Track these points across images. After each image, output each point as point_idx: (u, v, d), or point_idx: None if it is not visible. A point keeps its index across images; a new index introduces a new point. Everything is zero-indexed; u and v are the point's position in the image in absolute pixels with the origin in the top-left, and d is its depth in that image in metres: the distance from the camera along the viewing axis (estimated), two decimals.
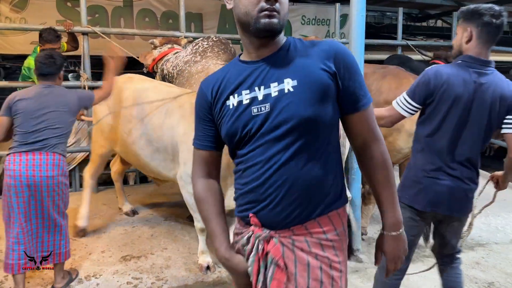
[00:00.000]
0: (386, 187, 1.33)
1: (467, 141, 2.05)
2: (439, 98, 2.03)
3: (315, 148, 1.25)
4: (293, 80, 1.22)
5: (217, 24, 6.87)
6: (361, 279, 3.14)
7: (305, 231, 1.26)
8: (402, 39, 6.85)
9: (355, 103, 1.29)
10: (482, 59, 2.02)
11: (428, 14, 9.41)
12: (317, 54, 1.26)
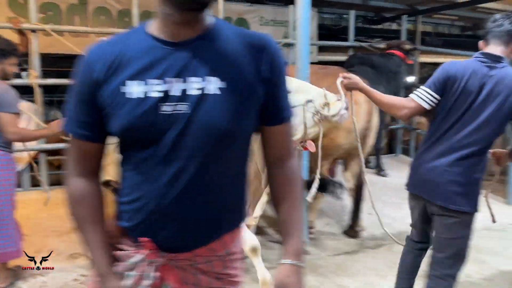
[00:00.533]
0: (295, 208, 1.18)
1: (470, 132, 2.12)
2: (449, 88, 2.14)
3: (228, 164, 1.08)
4: (222, 81, 1.00)
5: None
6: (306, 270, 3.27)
7: (207, 252, 1.11)
8: (356, 41, 7.11)
9: (279, 114, 1.12)
10: (493, 54, 2.14)
11: (383, 17, 9.73)
12: (252, 51, 1.04)
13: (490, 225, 4.48)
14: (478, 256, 3.61)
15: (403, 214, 4.57)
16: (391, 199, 4.89)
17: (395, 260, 3.46)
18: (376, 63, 5.36)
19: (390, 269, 3.33)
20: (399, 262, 2.64)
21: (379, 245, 3.82)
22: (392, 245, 3.80)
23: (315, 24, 7.97)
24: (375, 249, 3.73)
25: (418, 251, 2.57)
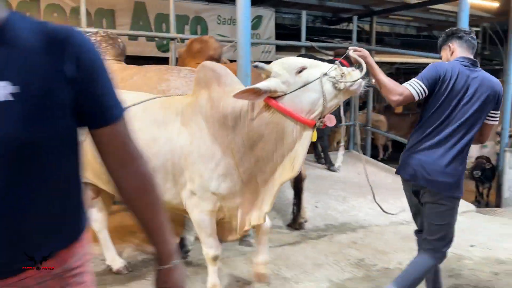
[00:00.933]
0: (154, 214, 1.11)
1: (457, 127, 2.39)
2: (439, 85, 2.39)
3: (42, 177, 0.96)
4: (14, 85, 0.88)
5: (131, 21, 6.86)
6: (245, 261, 3.38)
7: (38, 273, 1.01)
8: (317, 41, 7.29)
9: (104, 115, 1.02)
10: (472, 59, 2.48)
11: (341, 18, 9.98)
12: (53, 49, 0.93)
13: None
14: (411, 245, 3.77)
15: (347, 207, 4.79)
16: (337, 193, 5.08)
17: (334, 250, 3.67)
18: None
19: (327, 258, 3.50)
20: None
21: (321, 236, 3.97)
22: (332, 236, 3.98)
23: (272, 24, 8.13)
24: (316, 240, 3.88)
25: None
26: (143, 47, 7.12)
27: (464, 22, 5.14)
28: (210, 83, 2.48)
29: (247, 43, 3.62)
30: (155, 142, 2.49)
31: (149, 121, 2.53)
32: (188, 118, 2.49)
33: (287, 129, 2.27)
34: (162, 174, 2.51)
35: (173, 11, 5.31)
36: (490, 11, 8.96)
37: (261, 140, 2.33)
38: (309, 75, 2.26)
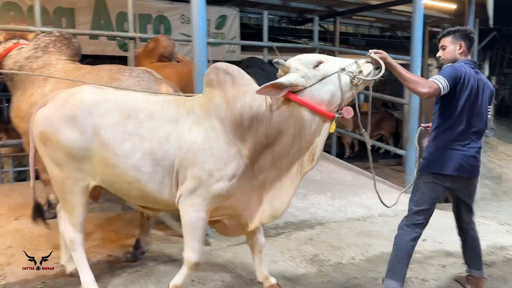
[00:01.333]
0: None
1: (476, 122, 2.76)
2: (460, 87, 2.66)
3: None
4: None
5: (91, 20, 6.75)
6: (203, 261, 3.39)
7: None
8: (277, 41, 7.36)
9: None
10: (475, 62, 2.87)
11: (306, 18, 10.10)
12: None
13: (385, 212, 4.88)
14: (365, 240, 3.92)
15: (307, 204, 4.87)
16: (297, 190, 5.12)
17: (291, 246, 3.72)
18: (268, 70, 5.63)
19: (283, 255, 3.55)
20: (397, 249, 2.87)
21: (279, 234, 4.02)
22: (291, 233, 4.04)
23: (237, 24, 8.15)
24: (275, 238, 3.92)
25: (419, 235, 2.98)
26: (105, 46, 7.02)
27: (418, 23, 5.31)
28: (224, 83, 2.48)
29: (202, 43, 3.63)
30: (167, 140, 2.49)
31: (165, 120, 2.53)
32: (201, 118, 2.49)
33: (306, 123, 2.37)
34: (167, 171, 2.50)
35: (132, 10, 5.27)
36: (449, 13, 9.25)
37: (279, 137, 2.42)
38: (326, 69, 2.38)
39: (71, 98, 2.64)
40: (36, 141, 2.69)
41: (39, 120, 2.65)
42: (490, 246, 3.84)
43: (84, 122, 2.54)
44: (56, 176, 2.67)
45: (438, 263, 3.43)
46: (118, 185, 2.62)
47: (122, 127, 2.53)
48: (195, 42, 3.63)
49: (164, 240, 3.80)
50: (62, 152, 2.58)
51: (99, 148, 2.54)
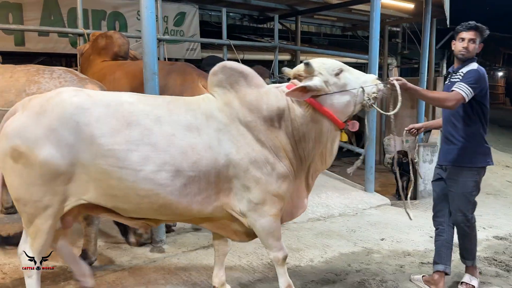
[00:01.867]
0: None
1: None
2: (482, 89, 2.85)
3: None
4: None
5: (40, 16, 6.39)
6: (155, 269, 3.22)
7: None
8: (240, 39, 7.23)
9: None
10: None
11: (268, 17, 10.02)
12: None
13: (345, 211, 4.86)
14: (324, 241, 3.86)
15: None
16: None
17: (249, 250, 3.59)
18: None
19: (240, 259, 3.43)
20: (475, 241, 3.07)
21: None
22: None
23: (197, 21, 7.96)
24: (232, 242, 3.78)
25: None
26: (56, 43, 6.67)
27: (376, 21, 5.31)
28: (238, 84, 2.40)
29: (152, 39, 3.45)
30: (193, 150, 2.27)
31: (180, 126, 2.30)
32: (224, 124, 2.35)
33: (324, 129, 2.45)
34: (203, 184, 2.31)
35: (81, 4, 4.99)
36: (407, 12, 9.41)
37: (303, 139, 2.45)
38: (346, 79, 2.46)
39: (49, 105, 2.22)
40: (3, 158, 2.23)
41: (9, 132, 2.20)
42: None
43: (69, 135, 2.17)
44: (24, 198, 2.26)
45: (397, 263, 3.40)
46: (124, 199, 2.31)
47: (123, 136, 2.21)
48: (145, 38, 3.44)
49: (115, 247, 3.59)
50: (39, 172, 2.19)
51: (95, 161, 2.20)
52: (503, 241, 4.07)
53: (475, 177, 2.94)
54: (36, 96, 2.36)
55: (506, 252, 3.73)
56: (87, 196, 2.29)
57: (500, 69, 30.58)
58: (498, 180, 6.90)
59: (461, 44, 2.90)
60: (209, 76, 2.50)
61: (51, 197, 2.24)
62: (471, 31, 2.88)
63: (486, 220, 4.88)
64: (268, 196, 2.39)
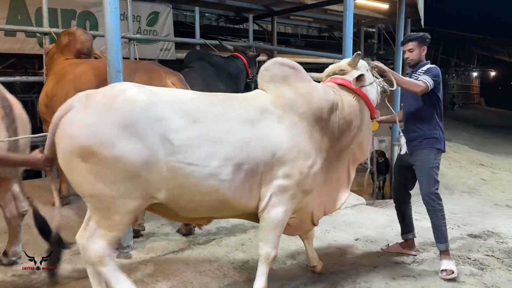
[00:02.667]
0: None
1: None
2: (440, 85, 3.36)
3: None
4: None
5: (7, 15, 6.15)
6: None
7: None
8: (216, 40, 7.10)
9: None
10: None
11: (244, 17, 9.94)
12: None
13: None
14: (297, 242, 3.72)
15: None
16: None
17: (220, 254, 3.48)
18: (217, 63, 5.40)
19: (211, 264, 3.31)
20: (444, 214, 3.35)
21: (209, 241, 3.78)
22: (221, 239, 3.81)
23: (170, 21, 7.81)
24: (204, 245, 3.68)
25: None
26: (23, 43, 6.43)
27: (349, 21, 5.30)
28: (289, 79, 2.57)
29: (116, 36, 3.31)
30: (248, 143, 2.33)
31: (237, 121, 2.36)
32: (280, 116, 2.45)
33: (366, 117, 2.77)
34: (254, 177, 2.37)
35: (46, 3, 4.82)
36: (382, 12, 9.46)
37: (348, 128, 2.67)
38: (370, 75, 2.89)
39: (116, 102, 2.15)
40: (69, 157, 2.12)
41: (74, 132, 2.09)
42: (422, 243, 3.82)
43: (143, 131, 2.13)
44: (101, 194, 2.16)
45: (370, 263, 3.34)
46: (188, 197, 2.29)
47: (190, 132, 2.22)
48: (108, 35, 3.29)
49: (79, 254, 3.42)
50: (117, 168, 2.10)
51: (166, 158, 2.17)
52: (477, 239, 4.06)
53: (436, 157, 3.37)
54: (93, 93, 2.24)
55: (480, 250, 3.71)
56: (161, 195, 2.25)
57: (475, 70, 31.30)
58: (473, 178, 6.96)
59: (405, 56, 3.47)
60: (261, 71, 2.63)
61: (132, 192, 2.17)
62: (409, 43, 3.40)
63: (461, 218, 4.90)
64: (299, 190, 2.48)
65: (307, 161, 2.45)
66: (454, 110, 23.45)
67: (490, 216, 5.07)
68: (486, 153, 10.09)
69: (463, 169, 7.46)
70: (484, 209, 5.47)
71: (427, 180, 3.30)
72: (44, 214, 2.77)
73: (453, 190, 6.36)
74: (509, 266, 3.39)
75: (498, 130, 17.84)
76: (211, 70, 5.24)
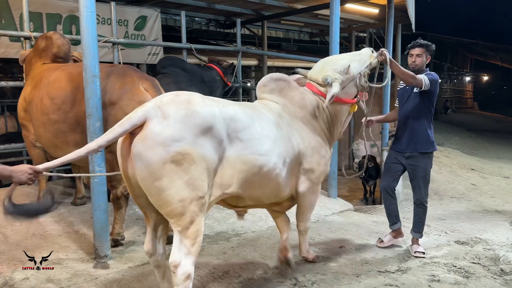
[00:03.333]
0: None
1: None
2: (436, 94, 3.60)
3: None
4: None
5: None
6: (96, 286, 2.99)
7: None
8: (207, 44, 7.03)
9: None
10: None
11: (234, 22, 9.88)
12: None
13: None
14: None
15: (226, 214, 4.57)
16: None
17: (201, 263, 3.38)
18: (190, 69, 5.35)
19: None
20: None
21: None
22: (203, 248, 3.71)
23: (159, 25, 7.73)
24: None
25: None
26: (7, 48, 6.30)
27: (335, 25, 5.26)
28: (283, 89, 3.05)
29: (93, 40, 3.24)
30: (287, 141, 2.85)
31: (271, 123, 2.79)
32: (289, 120, 2.95)
33: (343, 111, 3.22)
34: (290, 169, 2.89)
35: (27, 6, 4.74)
36: (373, 17, 9.45)
37: (333, 124, 3.19)
38: (353, 69, 3.14)
39: (192, 109, 2.33)
40: (162, 166, 2.20)
41: (165, 140, 2.20)
42: (407, 251, 3.75)
43: (218, 131, 2.39)
44: (190, 196, 2.27)
45: (353, 272, 3.26)
46: (258, 185, 2.69)
47: (253, 130, 2.60)
48: (84, 39, 3.22)
49: (54, 263, 3.33)
50: (202, 167, 2.30)
51: (240, 153, 2.50)
52: (464, 246, 3.99)
53: (431, 160, 3.65)
54: (167, 103, 2.33)
55: (466, 258, 3.64)
56: (231, 189, 2.51)
57: (468, 74, 31.44)
58: (463, 183, 6.91)
59: (411, 59, 3.58)
60: (259, 87, 3.12)
61: (208, 190, 2.36)
62: (417, 48, 3.54)
63: (449, 224, 4.83)
64: (322, 176, 3.12)
65: (321, 153, 3.06)
66: (448, 114, 23.50)
67: (479, 222, 5.00)
68: (477, 158, 10.06)
69: (453, 174, 7.41)
70: (473, 215, 5.41)
71: (424, 185, 3.62)
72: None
73: (442, 196, 6.30)
74: (495, 274, 3.32)
75: (490, 134, 17.85)
76: (184, 76, 5.20)
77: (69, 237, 3.80)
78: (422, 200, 3.66)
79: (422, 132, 3.60)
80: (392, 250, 3.79)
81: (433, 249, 3.86)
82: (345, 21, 9.97)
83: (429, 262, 3.51)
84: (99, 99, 3.23)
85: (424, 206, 3.69)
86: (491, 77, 35.54)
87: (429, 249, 3.83)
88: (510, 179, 7.95)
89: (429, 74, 3.49)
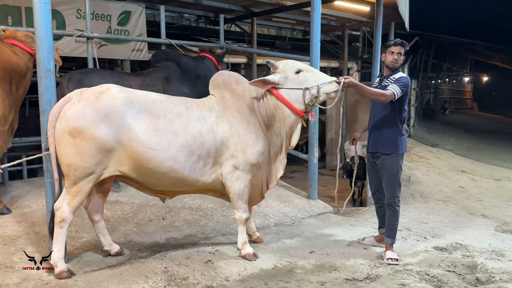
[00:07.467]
0: None
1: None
2: (407, 94, 3.60)
3: None
4: None
5: None
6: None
7: None
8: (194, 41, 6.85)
9: None
10: None
11: (224, 18, 9.70)
12: None
13: (281, 221, 4.55)
14: None
15: (199, 216, 4.40)
16: (194, 201, 4.69)
17: (160, 269, 3.21)
18: (185, 65, 5.19)
19: (147, 280, 3.05)
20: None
21: (153, 253, 3.53)
22: (167, 252, 3.55)
23: (143, 20, 7.57)
24: (145, 259, 3.41)
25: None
26: None
27: (316, 21, 5.10)
28: (229, 84, 3.35)
29: (47, 33, 3.08)
30: (200, 134, 3.14)
31: (193, 118, 3.16)
32: (222, 112, 3.25)
33: (285, 113, 3.33)
34: (206, 159, 3.17)
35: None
36: (365, 15, 9.25)
37: (273, 119, 3.34)
38: (304, 77, 3.29)
39: (102, 97, 2.95)
40: (61, 134, 2.90)
41: (70, 116, 2.88)
42: (381, 257, 3.59)
43: (118, 120, 2.93)
44: (75, 164, 2.92)
45: (318, 280, 3.09)
46: (150, 174, 3.10)
47: (154, 125, 3.02)
48: (38, 32, 3.07)
49: (5, 267, 3.17)
50: (93, 145, 2.90)
51: (132, 143, 2.97)
52: (442, 252, 3.83)
53: (400, 161, 3.63)
54: (86, 90, 3.03)
55: (441, 265, 3.48)
56: (122, 168, 3.06)
57: (468, 75, 31.20)
58: (450, 186, 6.73)
59: (391, 57, 3.57)
60: (210, 82, 3.42)
61: (97, 165, 2.97)
62: (399, 46, 3.56)
63: (431, 229, 4.67)
64: (248, 165, 3.25)
65: (247, 142, 3.22)
66: (446, 115, 23.30)
67: (463, 227, 4.82)
68: (470, 159, 9.86)
69: (441, 176, 7.23)
70: (457, 219, 5.23)
71: (393, 185, 3.61)
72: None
73: (428, 198, 6.12)
74: (469, 283, 3.17)
75: (489, 135, 17.66)
76: (176, 72, 5.04)
77: (28, 238, 3.65)
78: (391, 201, 3.62)
79: (386, 133, 3.60)
80: (365, 255, 3.63)
81: (409, 255, 3.70)
82: (337, 19, 9.79)
83: (401, 269, 3.35)
84: (53, 95, 3.08)
85: (394, 208, 3.62)
86: (491, 78, 35.27)
87: (404, 255, 3.67)
88: (501, 181, 7.77)
89: (400, 82, 3.50)
